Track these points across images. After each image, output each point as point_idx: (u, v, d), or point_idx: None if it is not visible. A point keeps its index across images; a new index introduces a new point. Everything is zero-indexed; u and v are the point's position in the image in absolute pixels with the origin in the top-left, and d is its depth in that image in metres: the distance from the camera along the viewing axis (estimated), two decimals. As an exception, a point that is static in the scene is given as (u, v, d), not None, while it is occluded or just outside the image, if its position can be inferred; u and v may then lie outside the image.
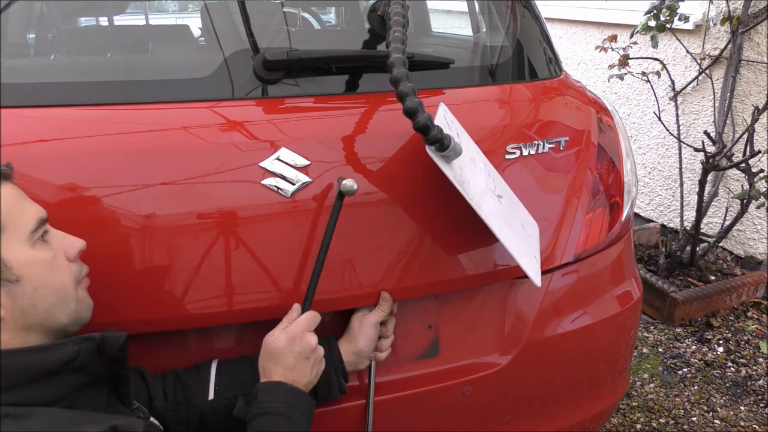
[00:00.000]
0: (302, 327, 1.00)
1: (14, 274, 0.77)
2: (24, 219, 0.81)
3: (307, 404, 0.99)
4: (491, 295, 1.27)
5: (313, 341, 1.01)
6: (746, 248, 3.01)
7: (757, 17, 2.75)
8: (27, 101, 1.00)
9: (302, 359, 0.99)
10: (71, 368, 0.78)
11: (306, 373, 0.99)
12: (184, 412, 1.02)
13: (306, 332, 1.00)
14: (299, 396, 0.97)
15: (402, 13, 1.09)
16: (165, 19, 2.61)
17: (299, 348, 0.99)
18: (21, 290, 0.78)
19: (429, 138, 0.97)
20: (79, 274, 0.87)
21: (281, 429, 0.93)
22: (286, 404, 0.95)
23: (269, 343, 1.00)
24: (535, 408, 1.33)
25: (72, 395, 0.78)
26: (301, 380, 0.99)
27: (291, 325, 1.01)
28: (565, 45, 3.91)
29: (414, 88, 0.98)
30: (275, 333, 1.00)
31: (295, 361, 0.98)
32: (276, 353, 0.98)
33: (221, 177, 1.03)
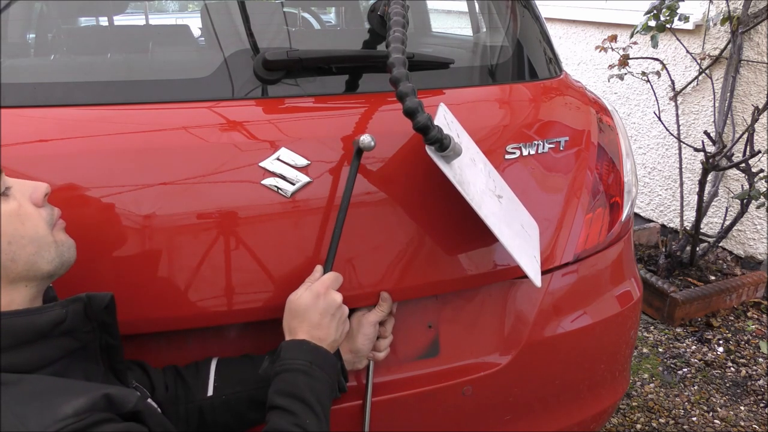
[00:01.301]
0: (326, 284, 1.00)
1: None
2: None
3: (330, 363, 0.97)
4: (491, 295, 1.27)
5: (338, 298, 1.00)
6: (746, 248, 3.01)
7: (757, 17, 2.75)
8: (27, 101, 1.00)
9: (328, 315, 0.98)
10: (60, 331, 0.77)
11: (332, 331, 0.98)
12: (182, 407, 1.02)
13: (330, 289, 1.00)
14: (322, 354, 0.96)
15: (402, 13, 1.09)
16: (165, 19, 2.61)
17: (324, 305, 0.98)
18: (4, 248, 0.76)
19: (429, 138, 0.97)
20: (50, 218, 0.84)
21: (303, 385, 0.91)
22: (308, 362, 0.94)
23: (294, 301, 0.98)
24: (535, 408, 1.33)
25: (64, 360, 0.77)
26: (326, 338, 0.97)
27: (315, 283, 1.00)
28: (565, 45, 3.91)
29: (414, 88, 0.98)
30: (299, 291, 0.99)
31: (321, 318, 0.97)
32: (301, 311, 0.97)
33: (221, 177, 1.03)
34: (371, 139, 1.02)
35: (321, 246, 1.08)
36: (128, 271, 1.00)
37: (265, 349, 1.11)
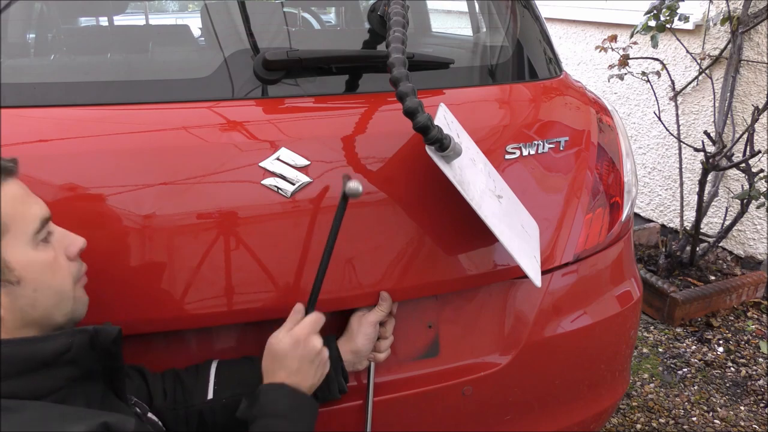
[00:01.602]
0: (307, 329, 1.00)
1: (15, 275, 0.77)
2: (28, 220, 0.80)
3: (309, 407, 0.98)
4: (491, 295, 1.27)
5: (318, 344, 1.00)
6: (746, 248, 3.01)
7: (757, 17, 2.75)
8: (27, 101, 1.00)
9: (307, 362, 0.98)
10: (64, 360, 0.77)
11: (310, 376, 0.99)
12: (182, 411, 1.02)
13: (311, 335, 1.00)
14: (301, 398, 0.97)
15: (402, 13, 1.09)
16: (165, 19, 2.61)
17: (303, 351, 0.98)
18: (21, 291, 0.78)
19: (429, 138, 0.97)
20: (78, 273, 0.86)
21: (282, 431, 0.92)
22: (287, 406, 0.94)
23: (273, 345, 0.99)
24: (535, 408, 1.33)
25: (65, 388, 0.78)
26: (304, 383, 0.98)
27: (295, 328, 1.00)
28: (565, 45, 3.91)
29: (414, 88, 0.98)
30: (279, 335, 0.99)
31: (300, 364, 0.98)
32: (280, 355, 0.98)
33: (221, 177, 1.03)
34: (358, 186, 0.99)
35: (320, 246, 1.08)
36: (128, 271, 0.99)
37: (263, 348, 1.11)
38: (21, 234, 0.78)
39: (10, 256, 0.76)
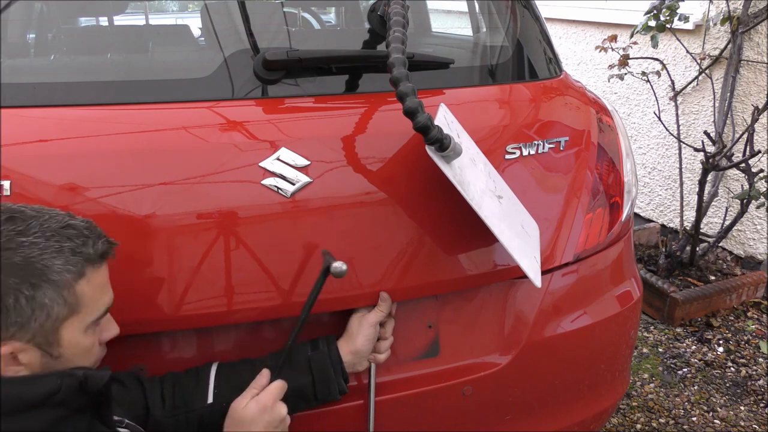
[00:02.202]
0: (273, 396, 1.00)
1: (59, 351, 0.80)
2: (97, 307, 0.84)
3: None
4: (491, 295, 1.27)
5: (283, 411, 1.00)
6: (746, 248, 3.02)
7: (757, 17, 2.75)
8: (27, 101, 1.00)
9: (271, 429, 0.98)
10: (52, 402, 0.78)
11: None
12: (183, 416, 1.02)
13: (276, 401, 1.00)
14: None
15: (402, 13, 1.09)
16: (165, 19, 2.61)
17: (269, 418, 0.98)
18: (54, 364, 0.80)
19: (429, 138, 0.97)
20: (100, 356, 0.89)
21: None
22: None
23: (238, 411, 0.98)
24: (535, 408, 1.33)
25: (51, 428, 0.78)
26: None
27: (261, 394, 1.00)
28: (565, 45, 3.91)
29: (414, 88, 0.98)
30: (243, 401, 0.99)
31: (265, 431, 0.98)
32: (246, 422, 0.97)
33: (221, 177, 1.03)
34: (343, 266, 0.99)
35: (320, 246, 1.08)
36: (127, 271, 0.99)
37: (265, 349, 1.11)
38: (85, 319, 0.82)
39: (65, 334, 0.80)
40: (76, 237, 0.81)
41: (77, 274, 0.79)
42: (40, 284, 0.76)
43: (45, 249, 0.77)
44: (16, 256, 0.75)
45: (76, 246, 0.80)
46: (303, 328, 1.04)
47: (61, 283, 0.78)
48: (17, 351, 0.77)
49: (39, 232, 0.78)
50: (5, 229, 0.76)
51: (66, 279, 0.78)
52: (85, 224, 0.83)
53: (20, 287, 0.75)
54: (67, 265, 0.78)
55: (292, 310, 1.09)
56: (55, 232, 0.79)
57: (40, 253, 0.77)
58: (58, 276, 0.77)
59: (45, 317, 0.77)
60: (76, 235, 0.81)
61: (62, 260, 0.78)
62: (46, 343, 0.79)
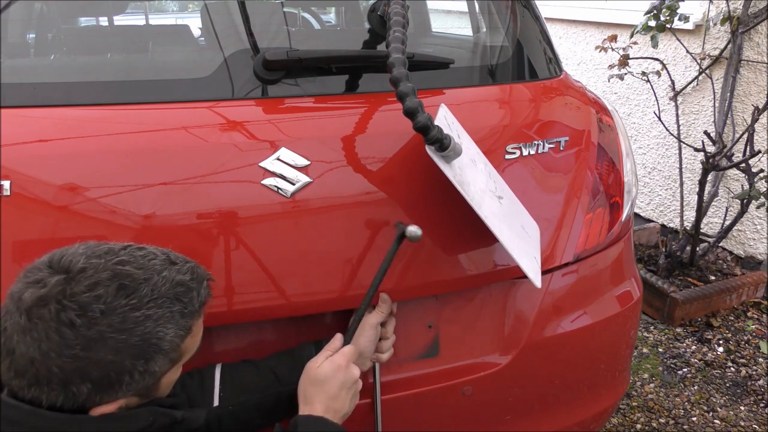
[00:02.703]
0: (347, 357, 1.02)
1: (155, 393, 0.82)
2: (195, 348, 0.86)
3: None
4: (491, 295, 1.27)
5: (357, 373, 1.02)
6: (746, 248, 3.01)
7: (757, 17, 2.75)
8: (27, 101, 1.00)
9: (345, 389, 1.00)
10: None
11: (347, 404, 1.00)
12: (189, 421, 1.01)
13: (350, 363, 1.02)
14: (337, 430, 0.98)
15: (402, 13, 1.09)
16: (165, 19, 2.61)
17: (344, 378, 1.00)
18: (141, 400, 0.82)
19: (429, 138, 0.97)
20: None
21: None
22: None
23: (313, 370, 1.00)
24: (535, 408, 1.33)
25: None
26: (341, 410, 0.99)
27: (336, 355, 1.01)
28: (565, 45, 3.91)
29: (414, 88, 0.98)
30: (319, 360, 1.01)
31: (338, 391, 0.99)
32: (320, 380, 0.99)
33: (221, 177, 1.03)
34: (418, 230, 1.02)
35: (320, 246, 1.08)
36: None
37: (265, 350, 1.11)
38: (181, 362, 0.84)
39: (165, 379, 0.82)
40: (184, 295, 0.80)
41: (185, 335, 0.80)
42: (153, 357, 0.77)
43: (158, 320, 0.76)
44: (132, 337, 0.74)
45: (184, 307, 0.79)
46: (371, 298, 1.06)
47: (172, 349, 0.79)
48: (123, 404, 0.79)
49: (152, 302, 0.76)
50: (118, 304, 0.74)
51: (176, 344, 0.79)
52: (190, 275, 0.82)
53: (135, 365, 0.76)
54: (177, 331, 0.78)
55: (292, 310, 1.09)
56: (166, 297, 0.78)
57: (154, 326, 0.76)
58: (168, 345, 0.78)
59: (152, 379, 0.79)
60: (184, 293, 0.80)
61: (173, 327, 0.78)
62: (146, 392, 0.81)
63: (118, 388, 0.76)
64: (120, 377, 0.75)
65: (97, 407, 0.77)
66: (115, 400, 0.77)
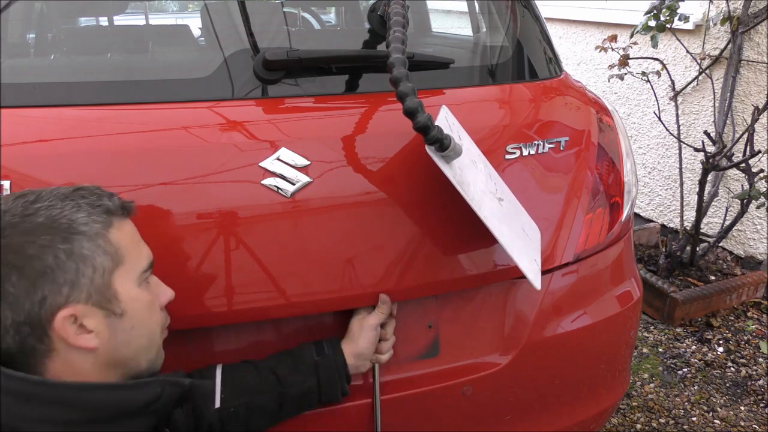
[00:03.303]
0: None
1: (121, 307, 0.79)
2: (141, 257, 0.83)
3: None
4: (491, 295, 1.27)
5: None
6: (746, 248, 3.01)
7: (757, 17, 2.75)
8: (27, 101, 1.00)
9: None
10: (148, 410, 0.79)
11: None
12: (191, 420, 1.00)
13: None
14: None
15: (402, 13, 1.09)
16: (165, 19, 2.61)
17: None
18: (121, 325, 0.80)
19: (429, 138, 0.97)
20: (165, 323, 0.90)
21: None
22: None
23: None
24: (535, 408, 1.33)
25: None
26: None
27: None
28: (565, 45, 3.91)
29: (414, 88, 0.98)
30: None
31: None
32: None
33: (221, 177, 1.03)
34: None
35: (320, 246, 1.08)
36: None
37: (265, 350, 1.11)
38: (132, 269, 0.81)
39: (119, 286, 0.79)
40: (89, 195, 0.80)
41: (105, 224, 0.79)
42: (72, 237, 0.75)
43: (63, 208, 0.76)
44: (37, 218, 0.74)
45: (92, 201, 0.79)
46: None
47: (92, 232, 0.77)
48: (79, 316, 0.76)
49: (51, 197, 0.77)
50: (18, 203, 0.75)
51: (95, 228, 0.77)
52: (94, 186, 0.83)
53: (54, 243, 0.74)
54: (91, 216, 0.78)
55: (292, 310, 1.09)
56: (67, 195, 0.78)
57: (60, 211, 0.76)
58: (86, 227, 0.77)
59: (92, 270, 0.76)
60: (88, 194, 0.80)
61: (84, 213, 0.77)
62: (104, 299, 0.77)
63: (53, 279, 0.74)
64: (44, 260, 0.73)
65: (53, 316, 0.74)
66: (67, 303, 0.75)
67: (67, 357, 0.77)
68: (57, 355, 0.76)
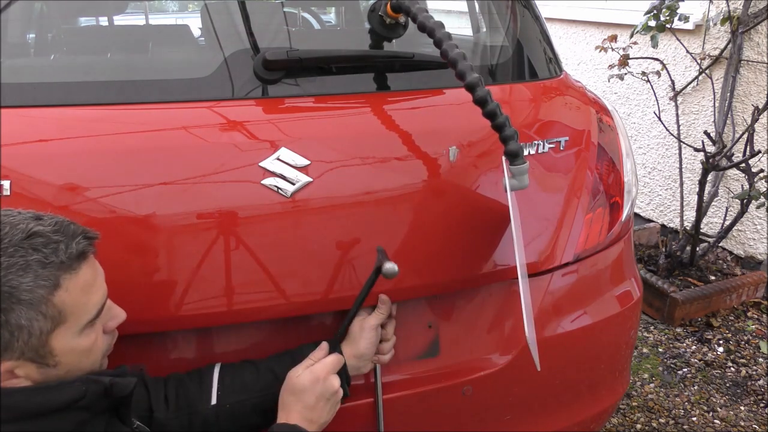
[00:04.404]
0: (327, 369, 1.02)
1: (55, 360, 0.78)
2: (87, 310, 0.80)
3: None
4: (491, 295, 1.27)
5: (336, 384, 1.02)
6: (746, 248, 3.01)
7: (757, 17, 2.75)
8: (27, 101, 1.00)
9: (323, 400, 1.01)
10: (76, 407, 0.78)
11: (324, 414, 1.01)
12: (186, 418, 1.01)
13: (330, 374, 1.02)
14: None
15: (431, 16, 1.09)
16: (165, 19, 2.61)
17: (322, 389, 1.00)
18: (55, 372, 0.78)
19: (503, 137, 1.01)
20: (109, 346, 0.87)
21: None
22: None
23: (293, 379, 1.01)
24: (535, 408, 1.33)
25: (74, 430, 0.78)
26: (318, 420, 1.00)
27: (316, 365, 1.02)
28: (565, 45, 3.91)
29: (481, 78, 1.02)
30: (299, 370, 1.02)
31: (316, 401, 1.00)
32: (298, 390, 1.00)
33: (221, 177, 1.03)
34: (395, 267, 1.01)
35: (320, 246, 1.08)
36: (127, 271, 0.99)
37: (265, 350, 1.11)
38: (74, 325, 0.78)
39: (56, 344, 0.77)
40: (44, 246, 0.74)
41: (51, 287, 0.74)
42: (11, 307, 0.72)
43: (9, 268, 0.71)
44: None
45: (44, 257, 0.74)
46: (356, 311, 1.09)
47: (35, 300, 0.73)
48: (10, 368, 0.75)
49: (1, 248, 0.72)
50: None
51: (39, 295, 0.73)
52: (54, 227, 0.77)
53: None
54: (37, 281, 0.73)
55: (291, 310, 1.09)
56: (18, 246, 0.73)
57: (5, 273, 0.71)
58: (28, 295, 0.72)
59: (27, 336, 0.73)
60: (43, 244, 0.74)
61: (31, 276, 0.72)
62: (38, 356, 0.76)
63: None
64: None
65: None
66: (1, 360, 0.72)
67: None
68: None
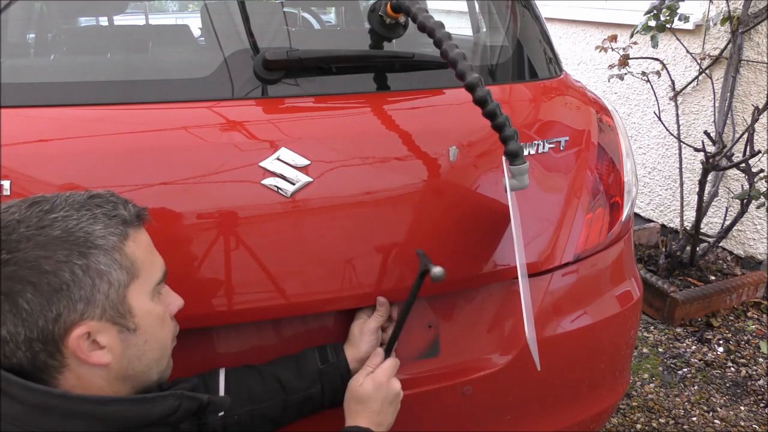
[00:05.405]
0: (387, 373, 1.05)
1: (135, 322, 0.78)
2: (155, 269, 0.82)
3: None
4: (491, 295, 1.27)
5: (397, 386, 1.06)
6: (746, 248, 3.01)
7: (757, 17, 2.75)
8: (27, 101, 1.00)
9: (387, 403, 1.04)
10: (165, 422, 0.78)
11: (390, 417, 1.04)
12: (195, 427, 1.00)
13: (390, 378, 1.05)
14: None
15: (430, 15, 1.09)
16: (165, 19, 2.61)
17: (386, 394, 1.03)
18: (135, 340, 0.79)
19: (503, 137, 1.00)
20: (175, 332, 0.88)
21: None
22: None
23: (356, 388, 1.03)
24: (535, 408, 1.33)
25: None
26: (385, 422, 1.03)
27: (376, 371, 1.05)
28: (565, 45, 3.91)
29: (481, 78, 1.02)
30: (360, 379, 1.04)
31: (381, 406, 1.03)
32: (364, 398, 1.02)
33: (221, 177, 1.03)
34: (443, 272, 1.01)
35: (320, 246, 1.08)
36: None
37: (266, 351, 1.11)
38: (146, 282, 0.80)
39: (134, 301, 0.78)
40: (105, 203, 0.78)
41: (121, 236, 0.77)
42: (88, 252, 0.73)
43: (80, 219, 0.74)
44: (54, 230, 0.72)
45: (108, 210, 0.77)
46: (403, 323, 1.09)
47: (109, 246, 0.75)
48: (93, 332, 0.75)
49: (67, 206, 0.75)
50: (32, 212, 0.73)
51: (112, 242, 0.75)
52: (109, 193, 0.81)
53: (70, 258, 0.72)
54: (107, 229, 0.76)
55: (292, 310, 1.09)
56: (83, 204, 0.76)
57: (77, 223, 0.74)
58: (103, 240, 0.75)
59: (107, 286, 0.75)
60: (104, 202, 0.78)
61: (101, 225, 0.75)
62: (118, 315, 0.76)
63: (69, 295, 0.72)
64: (60, 276, 0.72)
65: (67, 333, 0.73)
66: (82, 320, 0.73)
67: (79, 372, 0.76)
68: (69, 370, 0.76)
